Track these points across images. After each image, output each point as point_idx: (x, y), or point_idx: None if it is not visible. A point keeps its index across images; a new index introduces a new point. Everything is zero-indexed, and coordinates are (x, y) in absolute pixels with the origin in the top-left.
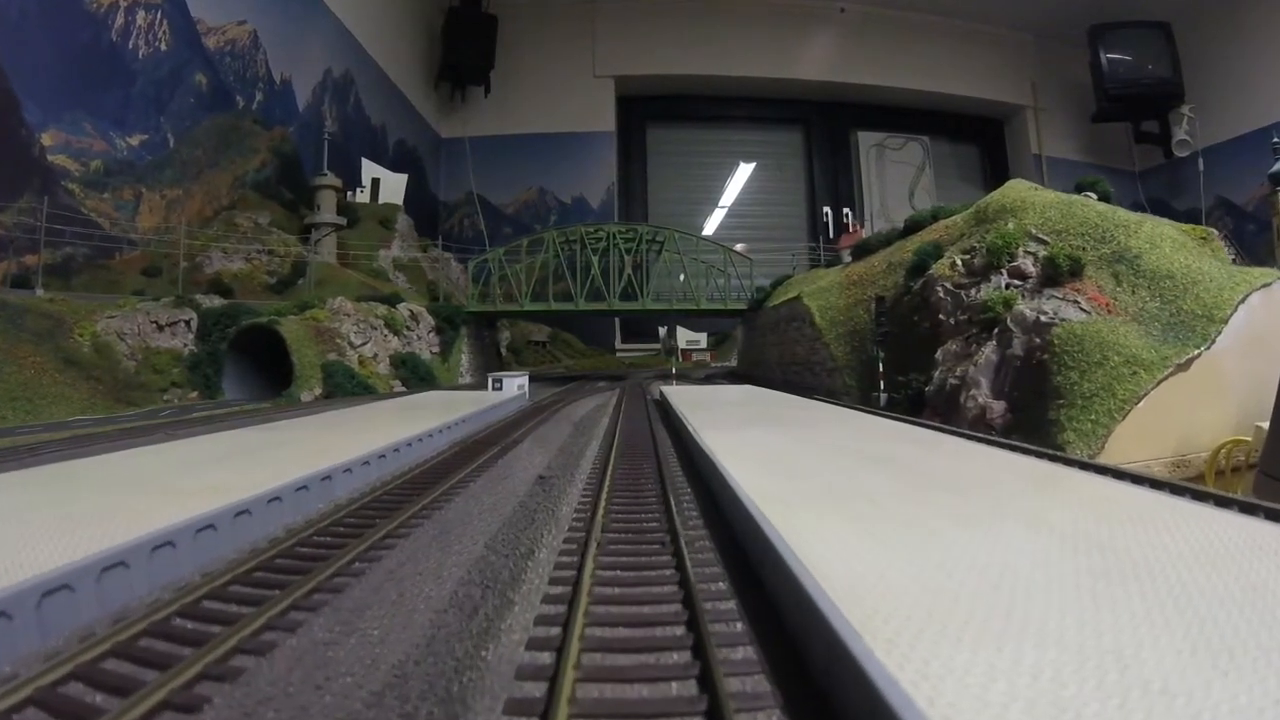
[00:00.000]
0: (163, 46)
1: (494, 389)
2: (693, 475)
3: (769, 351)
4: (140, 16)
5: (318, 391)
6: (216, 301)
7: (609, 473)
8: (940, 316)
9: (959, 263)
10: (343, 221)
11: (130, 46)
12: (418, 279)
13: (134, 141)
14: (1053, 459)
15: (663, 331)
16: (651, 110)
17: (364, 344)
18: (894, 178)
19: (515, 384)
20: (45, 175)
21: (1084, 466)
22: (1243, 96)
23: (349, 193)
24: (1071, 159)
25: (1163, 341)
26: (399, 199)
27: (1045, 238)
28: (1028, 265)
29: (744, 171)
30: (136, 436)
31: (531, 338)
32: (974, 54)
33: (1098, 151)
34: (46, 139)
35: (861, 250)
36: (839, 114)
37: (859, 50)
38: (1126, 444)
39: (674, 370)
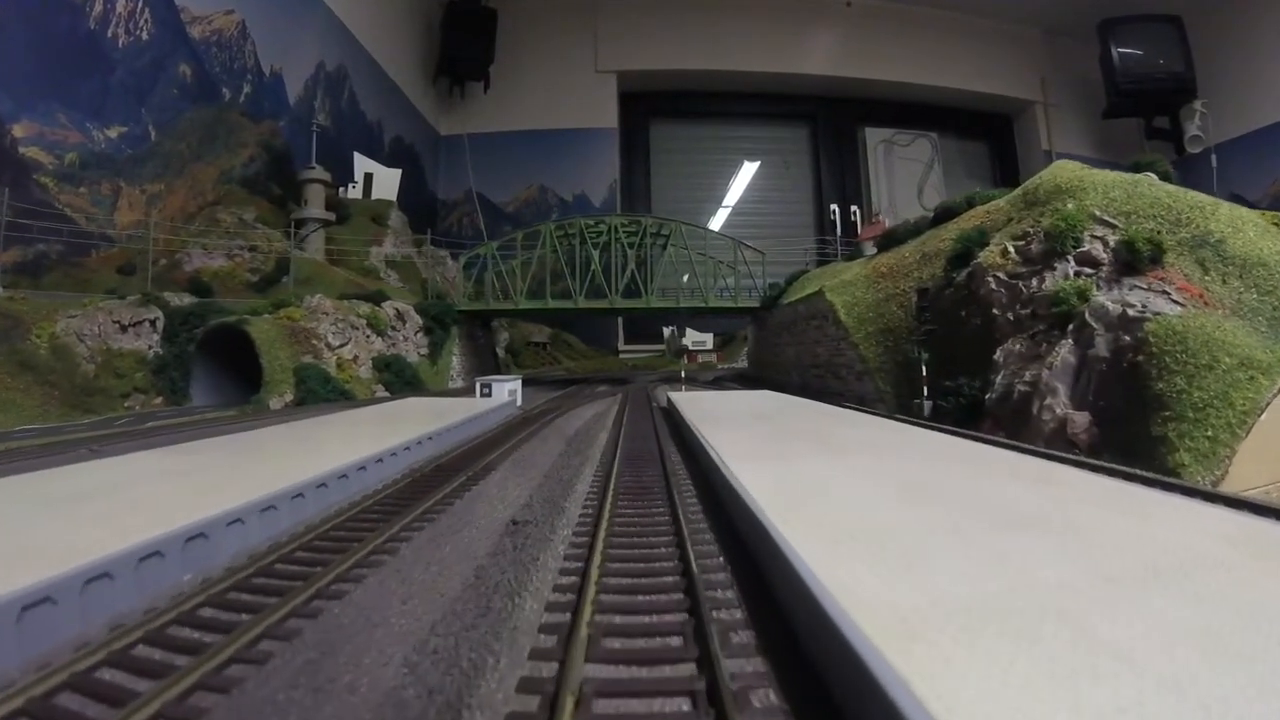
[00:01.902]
0: (144, 35)
1: (482, 395)
2: (722, 528)
3: (784, 353)
4: (120, 3)
5: (289, 398)
6: (187, 300)
7: (603, 522)
8: (994, 311)
9: (1012, 250)
10: (331, 217)
11: (109, 35)
12: (412, 277)
13: (112, 134)
14: (1237, 505)
15: (667, 332)
16: (655, 106)
17: (343, 345)
18: (902, 175)
19: (505, 389)
20: (16, 168)
21: None
22: (1256, 91)
23: (340, 188)
24: (1083, 155)
25: (1273, 339)
26: (393, 194)
27: (1113, 220)
28: (1098, 251)
29: (748, 170)
30: (56, 454)
31: (531, 339)
32: (982, 49)
33: (1109, 148)
34: (18, 130)
35: (888, 241)
36: (846, 110)
37: (866, 45)
38: (1247, 466)
39: (683, 374)
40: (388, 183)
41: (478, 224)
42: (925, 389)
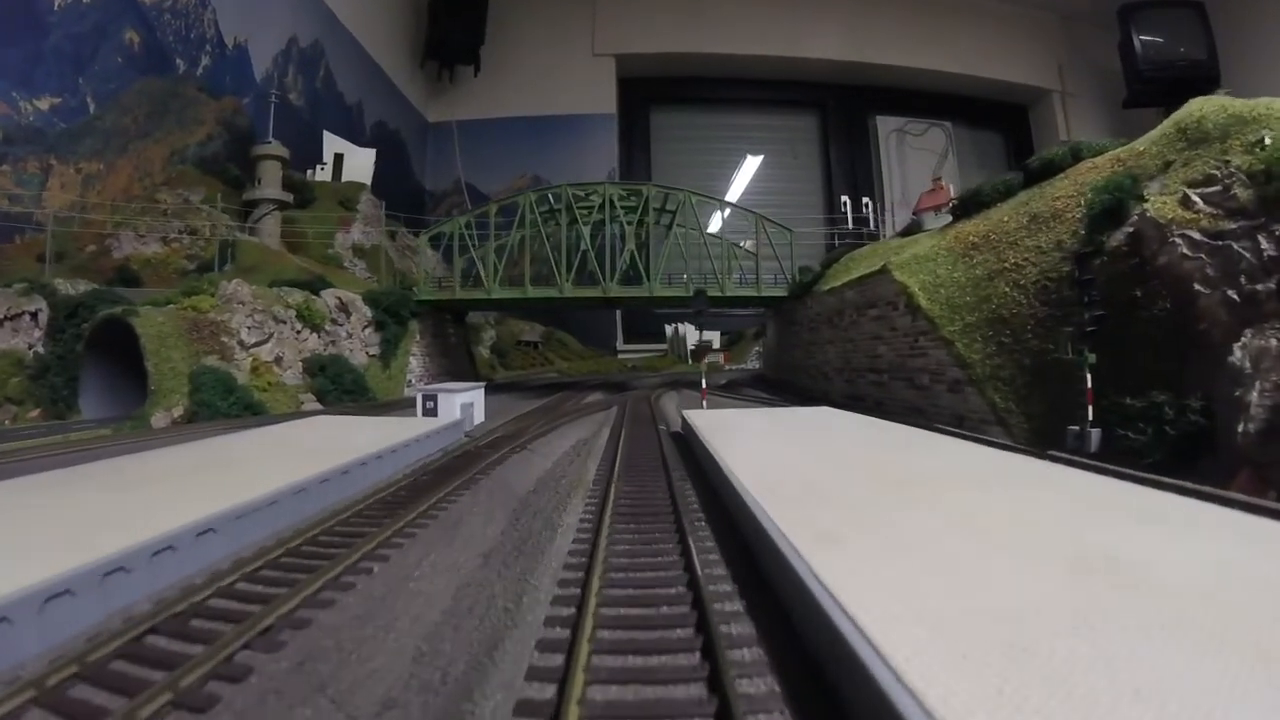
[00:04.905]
0: None
1: (425, 411)
2: None
3: (821, 352)
4: None
5: (178, 412)
6: (82, 287)
7: None
8: (1195, 288)
9: (1196, 199)
10: (287, 198)
11: None
12: (387, 268)
13: (43, 105)
14: None
15: (670, 330)
16: (655, 92)
17: (260, 343)
18: (916, 165)
19: (457, 403)
20: None
21: None
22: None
23: (309, 170)
24: None
25: None
26: (366, 177)
27: None
28: None
29: (751, 164)
30: None
31: (522, 338)
32: (998, 34)
33: (1129, 139)
34: None
35: (968, 205)
36: (857, 98)
37: (877, 28)
38: None
39: (704, 383)
40: (361, 164)
41: (472, 220)
42: (1090, 409)
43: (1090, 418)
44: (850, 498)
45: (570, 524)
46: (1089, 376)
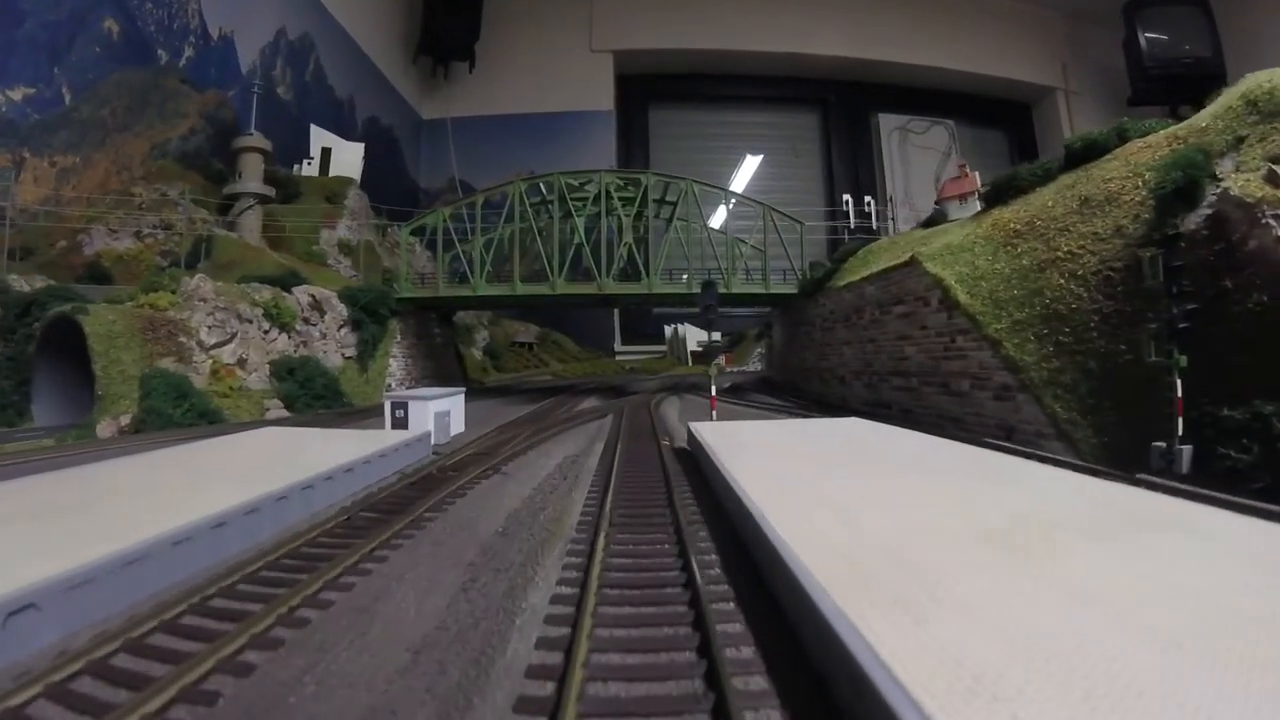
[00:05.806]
0: None
1: (394, 422)
2: None
3: (837, 354)
4: None
5: (127, 420)
6: (39, 283)
7: None
8: None
9: None
10: (269, 192)
11: None
12: (373, 266)
13: (16, 95)
14: None
15: (669, 331)
16: (654, 89)
17: (222, 343)
18: (918, 165)
19: (430, 411)
20: None
21: None
22: None
23: (296, 165)
24: None
25: None
26: (355, 173)
27: None
28: None
29: (751, 164)
30: None
31: (517, 339)
32: (1002, 31)
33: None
34: None
35: (1002, 191)
36: (859, 95)
37: (880, 25)
38: None
39: (713, 390)
40: (350, 159)
41: (460, 214)
42: (1180, 421)
43: (1180, 432)
44: (957, 577)
45: (538, 605)
46: (1178, 383)
